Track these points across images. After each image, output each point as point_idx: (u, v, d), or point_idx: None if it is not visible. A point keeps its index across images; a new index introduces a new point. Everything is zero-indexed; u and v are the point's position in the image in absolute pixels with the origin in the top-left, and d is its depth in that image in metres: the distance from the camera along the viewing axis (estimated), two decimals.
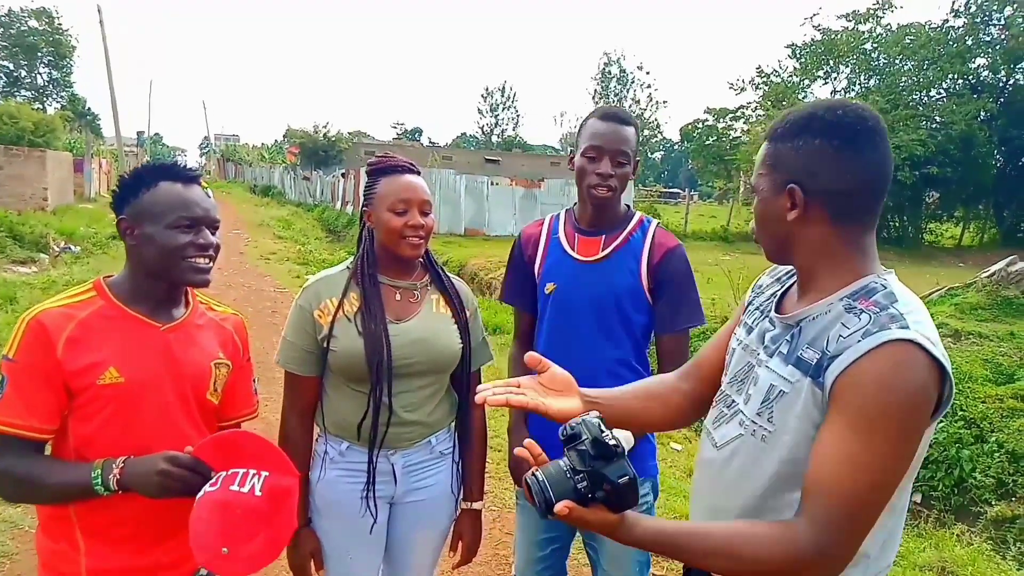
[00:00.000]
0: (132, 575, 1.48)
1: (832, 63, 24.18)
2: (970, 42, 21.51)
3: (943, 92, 22.71)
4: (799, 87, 24.84)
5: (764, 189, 1.20)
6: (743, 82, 25.84)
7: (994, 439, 4.72)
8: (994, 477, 4.55)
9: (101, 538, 1.44)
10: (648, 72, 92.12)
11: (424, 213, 1.76)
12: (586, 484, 1.04)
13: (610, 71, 50.52)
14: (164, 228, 1.43)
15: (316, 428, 1.87)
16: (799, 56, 24.90)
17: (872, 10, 22.98)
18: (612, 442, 1.04)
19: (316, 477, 1.82)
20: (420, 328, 1.79)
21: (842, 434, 1.03)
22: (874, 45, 23.32)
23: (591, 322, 1.94)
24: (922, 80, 21.90)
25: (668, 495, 3.99)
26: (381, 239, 1.77)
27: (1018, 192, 22.04)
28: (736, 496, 1.21)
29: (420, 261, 1.87)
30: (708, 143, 27.13)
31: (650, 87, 57.35)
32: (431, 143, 69.10)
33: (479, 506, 1.96)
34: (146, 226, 1.43)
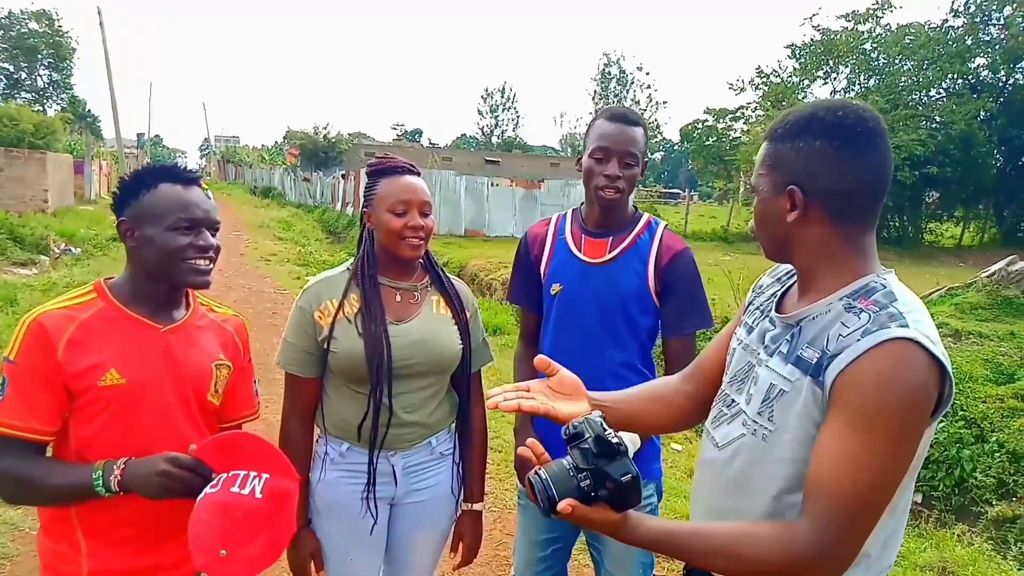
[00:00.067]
0: None
1: (832, 63, 24.15)
2: (970, 42, 21.49)
3: (943, 92, 22.69)
4: (799, 87, 24.81)
5: (764, 189, 1.20)
6: (743, 82, 25.83)
7: (995, 439, 4.72)
8: (995, 477, 4.55)
9: (102, 539, 1.44)
10: (648, 73, 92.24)
11: (424, 214, 1.76)
12: (589, 482, 1.04)
13: (610, 72, 50.58)
14: (164, 230, 1.43)
15: (316, 429, 1.87)
16: (799, 56, 24.87)
17: (872, 10, 22.96)
18: (615, 440, 1.04)
19: (316, 478, 1.82)
20: (420, 329, 1.79)
21: (842, 433, 1.03)
22: (874, 45, 23.30)
23: (597, 324, 1.93)
24: (922, 80, 21.88)
25: (669, 495, 3.99)
26: (381, 240, 1.77)
27: (1018, 192, 22.03)
28: (737, 496, 1.21)
29: (420, 262, 1.87)
30: (708, 143, 27.09)
31: (650, 88, 57.51)
32: (431, 144, 69.20)
33: (479, 507, 1.96)
34: (146, 228, 1.43)
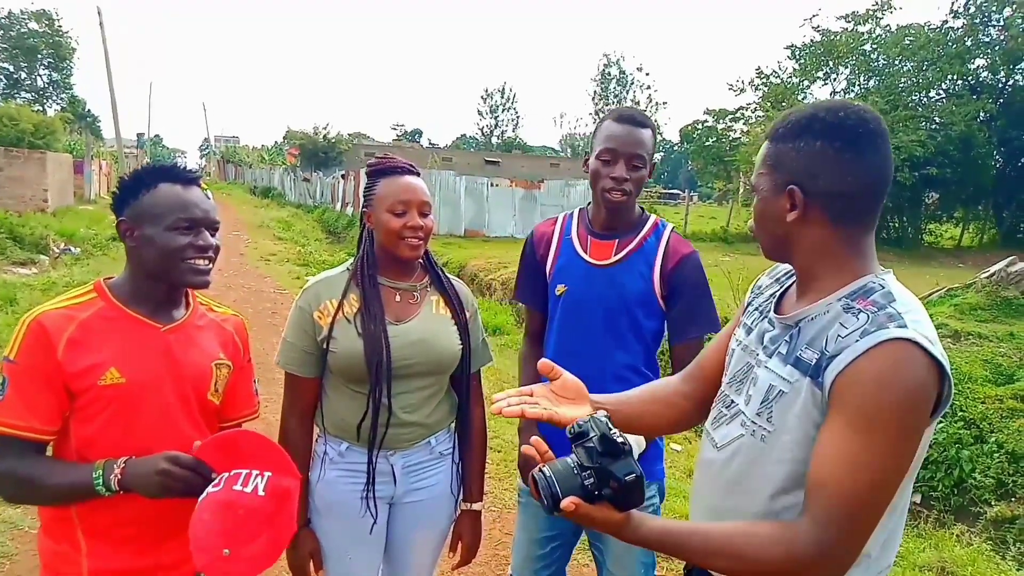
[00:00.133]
0: (134, 575, 1.48)
1: (831, 64, 24.14)
2: (969, 43, 21.49)
3: (942, 93, 22.68)
4: (798, 88, 24.80)
5: (764, 189, 1.20)
6: (742, 83, 25.78)
7: (994, 439, 4.72)
8: (994, 477, 4.55)
9: (103, 539, 1.44)
10: (648, 73, 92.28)
11: (423, 214, 1.76)
12: (593, 481, 1.04)
13: (610, 72, 50.60)
14: (163, 230, 1.43)
15: (316, 429, 1.87)
16: (798, 57, 24.85)
17: (871, 11, 22.95)
18: (619, 440, 1.05)
19: (316, 477, 1.82)
20: (420, 329, 1.79)
21: (842, 434, 1.03)
22: (873, 46, 23.28)
23: (601, 326, 1.92)
24: (921, 81, 21.88)
25: (668, 496, 3.96)
26: (381, 240, 1.77)
27: (1017, 193, 22.02)
28: (736, 497, 1.21)
29: (420, 262, 1.87)
30: (708, 144, 27.08)
31: (650, 88, 57.14)
32: (431, 144, 69.19)
33: (479, 507, 1.96)
34: (145, 228, 1.43)
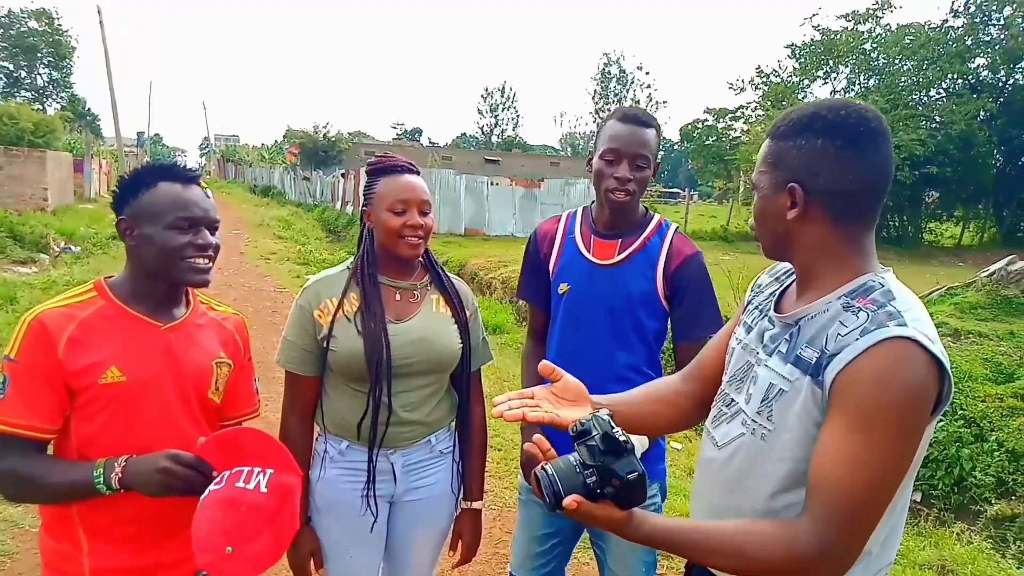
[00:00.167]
0: (134, 574, 1.48)
1: (832, 63, 24.11)
2: (969, 42, 21.46)
3: (943, 92, 22.66)
4: (799, 87, 24.76)
5: (765, 187, 1.20)
6: (743, 82, 25.76)
7: (994, 438, 4.73)
8: (994, 476, 4.55)
9: (104, 537, 1.44)
10: (648, 72, 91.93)
11: (423, 213, 1.76)
12: (595, 479, 1.05)
13: (610, 71, 50.43)
14: (163, 228, 1.42)
15: (316, 427, 1.87)
16: (799, 56, 24.82)
17: (871, 10, 22.92)
18: (622, 438, 1.05)
19: (316, 476, 1.82)
20: (420, 328, 1.79)
21: (842, 433, 1.03)
22: (873, 45, 23.25)
23: (603, 326, 1.92)
24: (921, 80, 21.84)
25: (668, 494, 3.98)
26: (381, 239, 1.77)
27: (1018, 192, 22.00)
28: (736, 495, 1.21)
29: (420, 261, 1.87)
30: (708, 143, 27.07)
31: (650, 87, 57.01)
32: (431, 143, 69.13)
33: (479, 505, 1.96)
34: (145, 226, 1.43)
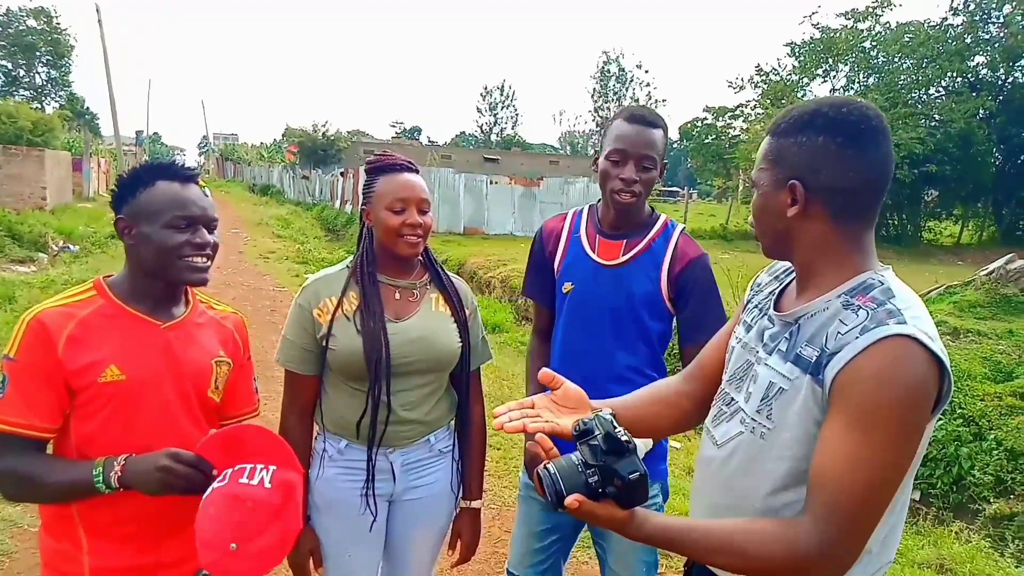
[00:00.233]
0: (135, 574, 1.48)
1: (831, 61, 24.12)
2: (969, 40, 21.47)
3: (942, 90, 22.67)
4: (798, 85, 24.77)
5: (765, 184, 1.19)
6: (742, 80, 25.75)
7: (993, 437, 4.73)
8: (993, 475, 4.56)
9: (104, 537, 1.44)
10: (647, 71, 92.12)
11: (422, 211, 1.75)
12: (597, 479, 1.05)
13: (609, 70, 50.36)
14: (160, 227, 1.42)
15: (315, 426, 1.87)
16: (798, 54, 24.82)
17: (871, 8, 22.93)
18: (624, 438, 1.05)
19: (315, 475, 1.82)
20: (419, 327, 1.79)
21: (842, 431, 1.03)
22: (873, 43, 23.26)
23: (607, 327, 1.91)
24: (921, 78, 21.85)
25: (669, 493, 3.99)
26: (380, 238, 1.77)
27: (1017, 190, 22.02)
28: (736, 494, 1.21)
29: (420, 260, 1.87)
30: (707, 141, 27.09)
31: (649, 86, 56.76)
32: (430, 142, 68.94)
33: (478, 504, 1.96)
34: (143, 225, 1.43)
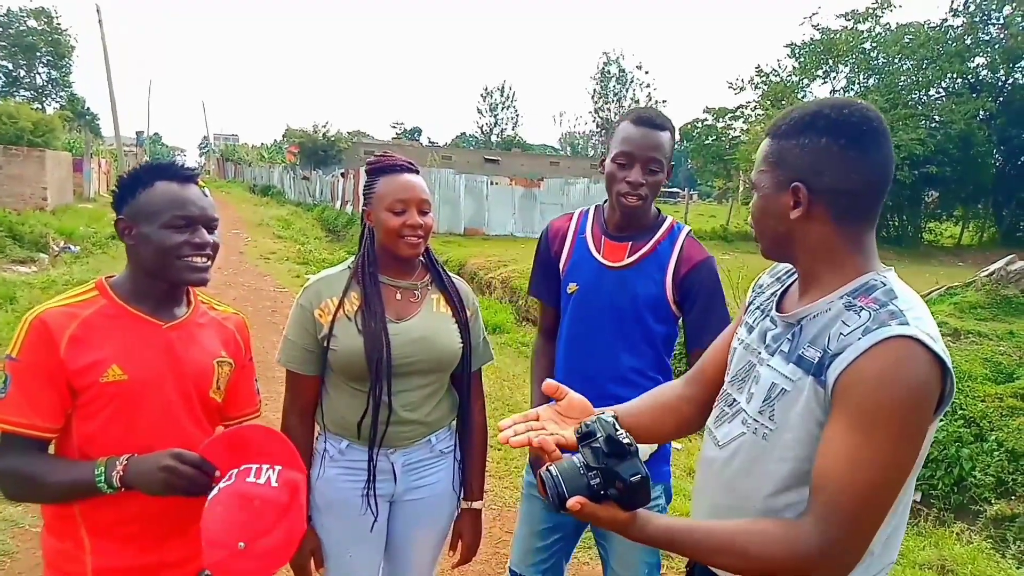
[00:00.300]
0: (137, 574, 1.48)
1: (831, 62, 24.14)
2: (969, 41, 21.49)
3: (942, 91, 22.68)
4: (798, 86, 24.79)
5: (766, 186, 1.19)
6: (742, 81, 25.81)
7: (994, 438, 4.72)
8: (994, 476, 4.55)
9: (106, 536, 1.44)
10: (647, 72, 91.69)
11: (423, 212, 1.75)
12: (599, 481, 1.06)
13: (609, 71, 50.31)
14: (159, 227, 1.42)
15: (316, 426, 1.87)
16: (798, 55, 24.85)
17: (871, 9, 22.95)
18: (626, 440, 1.06)
19: (316, 475, 1.82)
20: (420, 327, 1.79)
21: (845, 432, 1.03)
22: (873, 44, 23.28)
23: (611, 328, 1.91)
24: (921, 79, 21.86)
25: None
26: (380, 239, 1.77)
27: (1017, 191, 22.02)
28: (737, 494, 1.21)
29: (421, 261, 1.87)
30: (707, 142, 27.10)
31: (649, 87, 56.63)
32: (430, 143, 69.06)
33: (479, 505, 1.96)
34: (142, 226, 1.43)
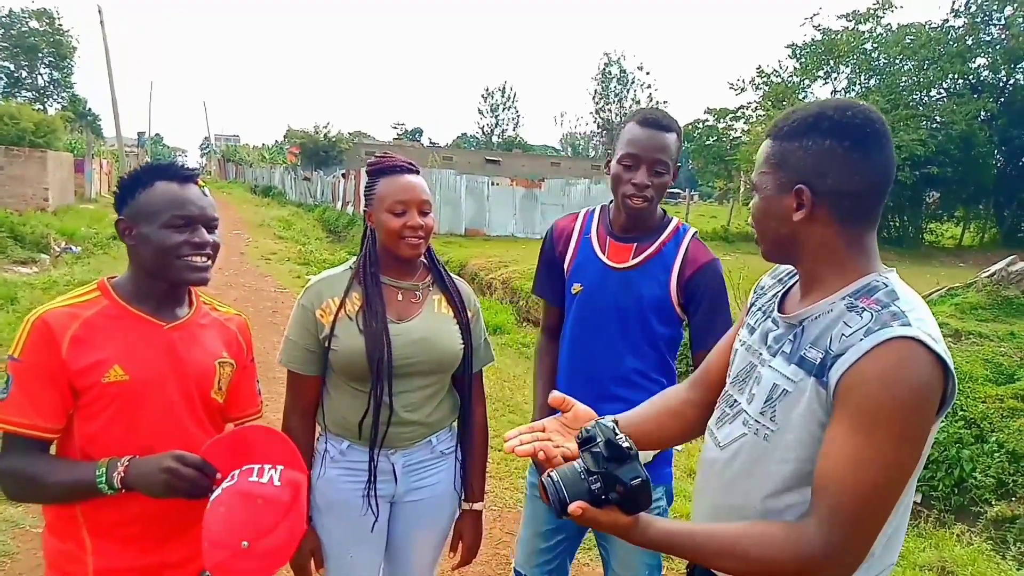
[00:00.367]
0: (138, 574, 1.48)
1: (832, 63, 24.14)
2: (970, 42, 21.48)
3: (943, 92, 22.68)
4: (799, 87, 24.80)
5: (768, 188, 1.19)
6: (743, 82, 25.81)
7: (994, 439, 4.72)
8: (994, 477, 4.55)
9: (108, 537, 1.44)
10: (648, 72, 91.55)
11: (423, 213, 1.75)
12: (600, 485, 1.06)
13: (610, 71, 50.30)
14: (159, 227, 1.43)
15: (316, 427, 1.87)
16: (799, 56, 24.85)
17: (872, 10, 22.94)
18: (625, 444, 1.06)
19: (316, 476, 1.82)
20: (422, 328, 1.79)
21: (847, 434, 1.03)
22: (874, 45, 23.27)
23: (614, 329, 1.91)
24: (922, 80, 21.86)
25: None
26: (381, 240, 1.78)
27: (1018, 192, 22.01)
28: (738, 495, 1.21)
29: (423, 262, 1.87)
30: (708, 143, 27.10)
31: (650, 87, 56.47)
32: (431, 143, 69.00)
33: (480, 507, 1.96)
34: (142, 226, 1.44)
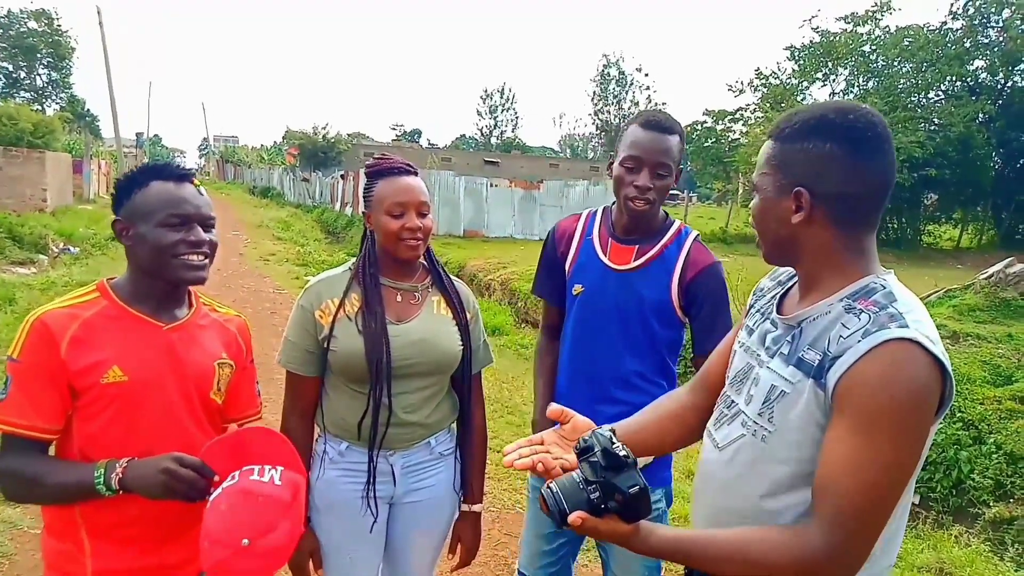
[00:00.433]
0: (138, 575, 1.48)
1: (831, 65, 24.16)
2: (968, 44, 21.52)
3: (941, 94, 22.71)
4: (798, 89, 24.81)
5: (768, 189, 1.19)
6: (742, 84, 25.79)
7: (992, 440, 4.73)
8: (992, 478, 4.55)
9: (107, 539, 1.44)
10: (647, 74, 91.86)
11: (421, 214, 1.75)
12: (598, 495, 1.06)
13: (609, 73, 50.38)
14: (155, 227, 1.43)
15: (315, 428, 1.87)
16: (798, 58, 24.87)
17: (871, 12, 22.96)
18: (622, 453, 1.06)
19: (315, 476, 1.82)
20: (421, 329, 1.79)
21: (846, 436, 1.03)
22: (872, 47, 23.29)
23: (615, 331, 1.92)
24: (920, 82, 21.89)
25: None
26: (380, 241, 1.78)
27: (1016, 194, 22.02)
28: (737, 496, 1.21)
29: (422, 263, 1.87)
30: (707, 145, 27.09)
31: (649, 89, 56.54)
32: (430, 144, 69.11)
33: (479, 508, 1.96)
34: (139, 226, 1.44)
